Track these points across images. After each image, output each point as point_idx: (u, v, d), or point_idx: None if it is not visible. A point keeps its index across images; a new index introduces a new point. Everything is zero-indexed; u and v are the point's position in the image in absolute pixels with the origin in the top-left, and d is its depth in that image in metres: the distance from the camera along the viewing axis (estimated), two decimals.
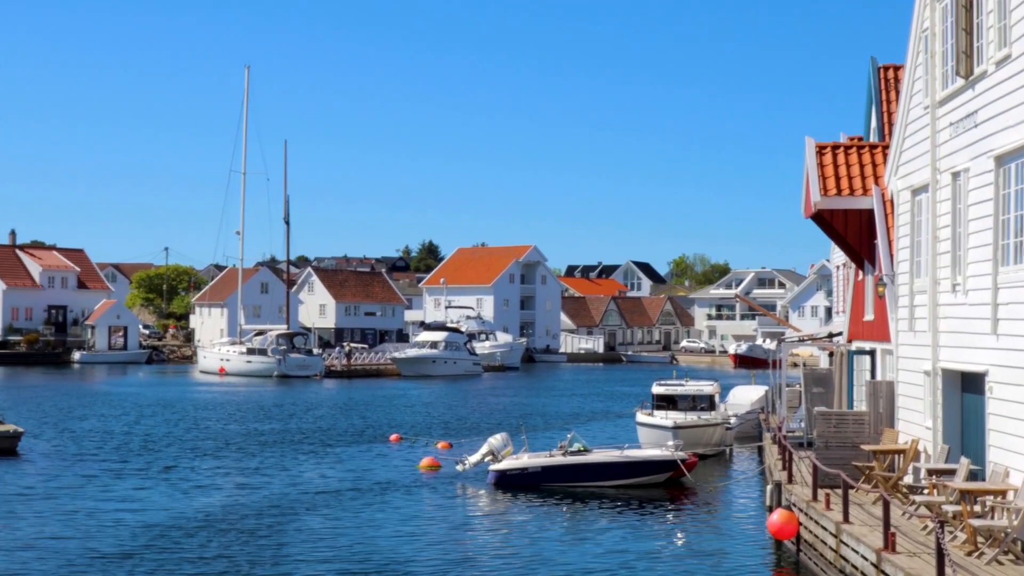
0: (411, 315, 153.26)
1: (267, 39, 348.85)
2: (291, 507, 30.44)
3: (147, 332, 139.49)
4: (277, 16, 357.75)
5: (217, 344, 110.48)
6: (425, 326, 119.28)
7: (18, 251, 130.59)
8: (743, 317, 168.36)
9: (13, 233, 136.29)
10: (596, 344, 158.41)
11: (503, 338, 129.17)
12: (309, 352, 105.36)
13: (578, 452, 35.23)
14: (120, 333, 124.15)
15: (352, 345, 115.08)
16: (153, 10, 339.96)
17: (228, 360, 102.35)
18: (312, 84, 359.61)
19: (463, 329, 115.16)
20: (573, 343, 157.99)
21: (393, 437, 48.47)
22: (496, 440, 35.88)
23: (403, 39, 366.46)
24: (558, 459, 34.89)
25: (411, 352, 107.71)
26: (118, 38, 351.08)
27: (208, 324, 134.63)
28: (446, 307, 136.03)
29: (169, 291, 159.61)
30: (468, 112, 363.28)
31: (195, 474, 36.62)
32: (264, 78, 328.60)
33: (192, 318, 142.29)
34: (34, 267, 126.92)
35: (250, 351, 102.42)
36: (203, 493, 32.64)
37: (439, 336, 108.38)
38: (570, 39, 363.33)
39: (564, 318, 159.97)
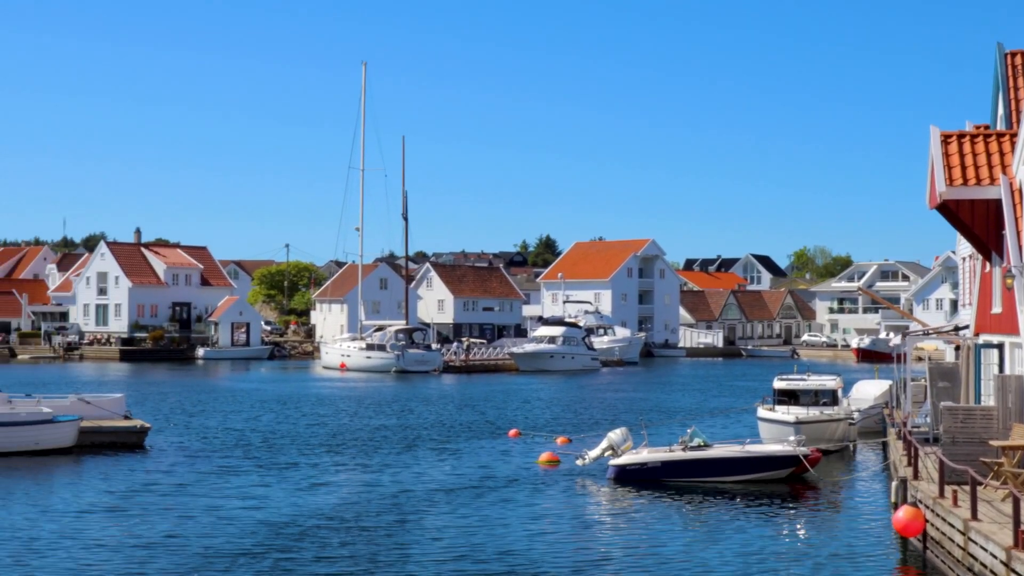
0: (529, 310, 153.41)
1: (384, 35, 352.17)
2: (411, 504, 30.51)
3: (269, 328, 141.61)
4: (394, 12, 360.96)
5: (338, 340, 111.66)
6: (543, 321, 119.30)
7: (143, 249, 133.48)
8: (866, 311, 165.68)
9: (138, 231, 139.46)
10: (715, 338, 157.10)
11: (621, 333, 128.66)
12: (427, 347, 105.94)
13: (698, 447, 34.89)
14: (242, 329, 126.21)
15: (470, 340, 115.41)
16: (274, 7, 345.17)
17: (348, 356, 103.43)
18: (429, 80, 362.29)
19: (581, 324, 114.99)
20: (692, 337, 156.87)
21: (512, 432, 48.49)
22: (616, 435, 35.68)
23: (519, 36, 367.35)
24: (678, 454, 34.61)
25: (529, 347, 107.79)
26: (240, 34, 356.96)
27: (328, 320, 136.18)
28: (564, 302, 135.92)
29: (290, 287, 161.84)
30: (586, 108, 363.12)
31: (315, 471, 36.86)
32: (382, 74, 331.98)
33: (313, 314, 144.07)
34: (159, 265, 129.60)
35: (369, 347, 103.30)
36: (323, 490, 32.82)
37: (557, 331, 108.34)
38: (687, 39, 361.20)
39: (683, 312, 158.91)
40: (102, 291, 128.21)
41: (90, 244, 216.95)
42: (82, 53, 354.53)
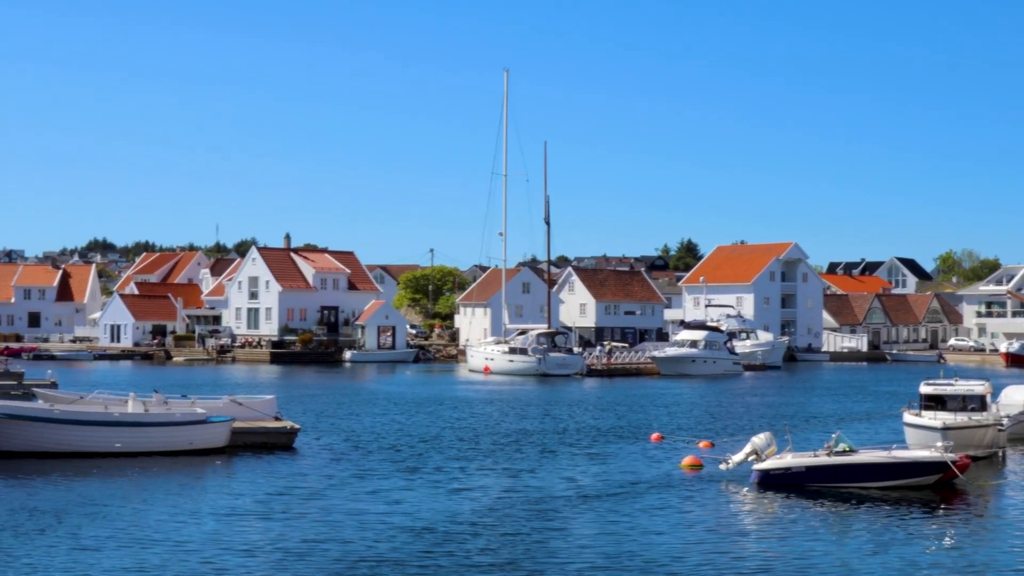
0: (670, 314, 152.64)
1: (526, 41, 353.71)
2: (554, 509, 30.57)
3: (414, 332, 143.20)
4: (535, 18, 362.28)
5: (483, 343, 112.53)
6: (685, 325, 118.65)
7: (292, 254, 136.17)
8: (1015, 314, 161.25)
9: (288, 237, 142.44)
10: (859, 343, 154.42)
11: (764, 337, 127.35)
12: (569, 351, 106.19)
13: (843, 452, 34.51)
14: (388, 333, 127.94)
15: (612, 344, 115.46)
16: (421, 13, 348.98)
17: (492, 359, 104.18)
18: (570, 85, 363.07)
19: (723, 328, 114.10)
20: (836, 342, 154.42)
21: (654, 436, 48.39)
22: (759, 439, 35.47)
23: (660, 43, 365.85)
24: (823, 459, 34.26)
25: (671, 351, 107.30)
26: (385, 39, 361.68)
27: (472, 324, 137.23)
28: (706, 305, 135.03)
29: (434, 292, 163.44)
30: (726, 116, 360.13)
31: (458, 474, 37.05)
32: (523, 79, 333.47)
33: (457, 318, 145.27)
34: (307, 269, 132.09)
35: (512, 350, 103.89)
36: (465, 494, 32.95)
37: (699, 335, 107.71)
38: (827, 49, 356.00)
39: (826, 316, 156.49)
40: (253, 295, 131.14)
41: (242, 249, 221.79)
42: (239, 52, 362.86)
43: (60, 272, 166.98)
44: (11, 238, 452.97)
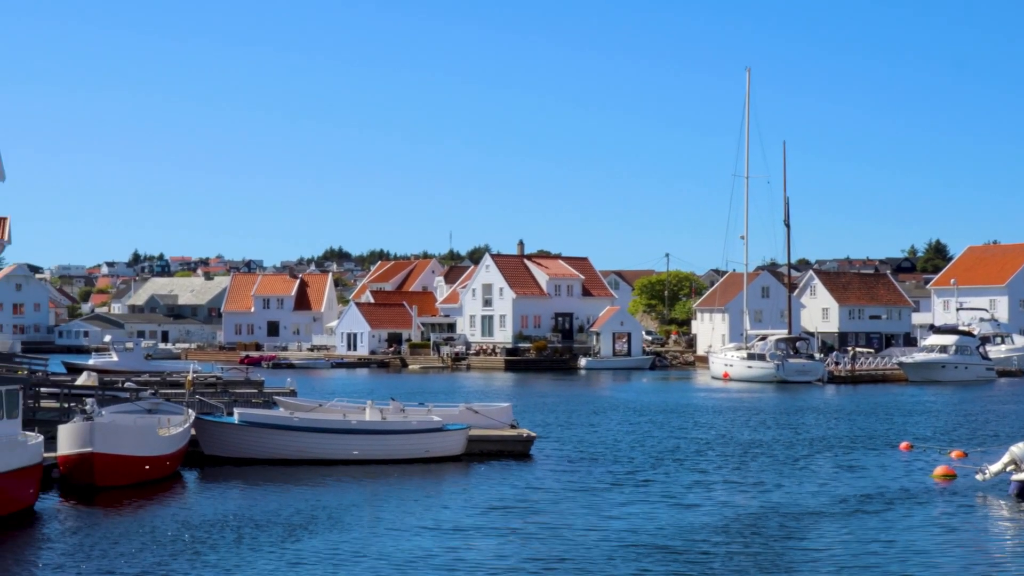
0: (918, 318, 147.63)
1: (767, 41, 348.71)
2: (799, 521, 29.27)
3: (649, 338, 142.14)
4: (777, 18, 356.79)
5: (724, 350, 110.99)
6: (934, 329, 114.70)
7: (526, 261, 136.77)
8: None
9: (521, 243, 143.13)
10: None
11: (1020, 341, 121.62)
12: (810, 357, 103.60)
13: None
14: (624, 339, 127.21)
15: (857, 349, 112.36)
16: (660, 12, 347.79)
17: (731, 365, 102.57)
18: (811, 86, 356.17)
19: (975, 332, 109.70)
20: None
21: (903, 445, 46.37)
22: (1019, 449, 33.27)
23: (896, 50, 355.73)
24: None
25: (919, 356, 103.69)
26: (622, 39, 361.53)
27: (710, 329, 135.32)
28: (956, 309, 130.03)
29: (670, 297, 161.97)
30: (975, 118, 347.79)
31: (700, 486, 35.84)
32: (763, 80, 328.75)
33: (693, 323, 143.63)
34: (541, 276, 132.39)
35: (750, 356, 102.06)
36: (708, 507, 31.75)
37: (949, 340, 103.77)
38: None
39: None
40: (487, 302, 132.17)
41: (475, 257, 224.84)
42: (479, 53, 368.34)
43: (298, 281, 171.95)
44: (250, 249, 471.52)
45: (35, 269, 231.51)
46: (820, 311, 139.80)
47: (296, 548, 25.25)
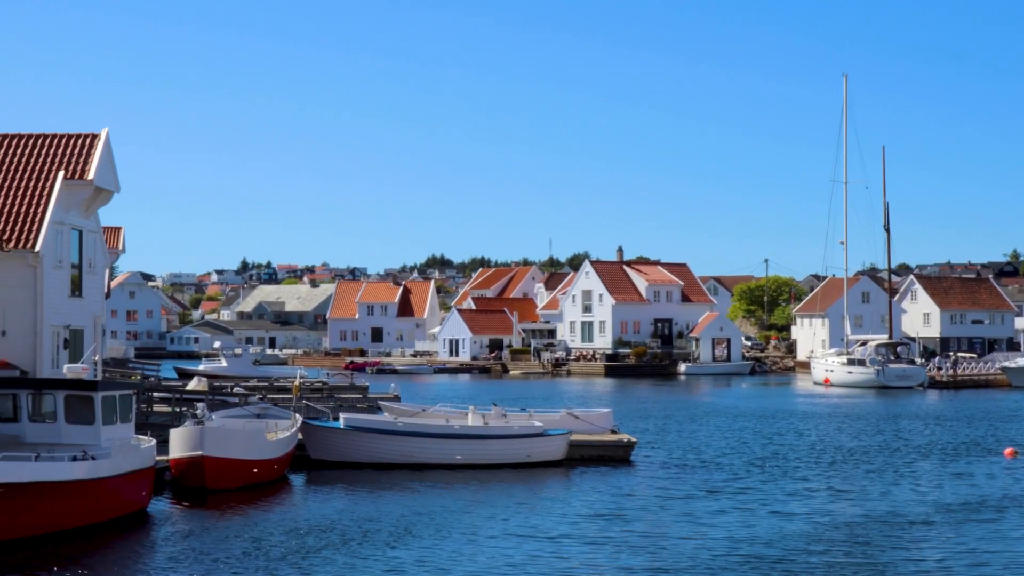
0: (1021, 323, 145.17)
1: (864, 47, 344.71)
2: (903, 530, 28.97)
3: (749, 344, 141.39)
4: (873, 24, 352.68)
5: (826, 355, 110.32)
6: None
7: (625, 267, 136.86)
8: None
9: (620, 250, 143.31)
10: None
11: None
12: (911, 362, 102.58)
13: None
14: (723, 345, 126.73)
15: (958, 354, 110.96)
16: (757, 20, 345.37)
17: (832, 371, 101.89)
18: (907, 93, 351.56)
19: None
20: None
21: (1008, 451, 45.94)
22: None
23: (991, 60, 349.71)
24: None
25: (1022, 361, 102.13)
26: (714, 47, 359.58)
27: (810, 335, 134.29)
28: None
29: (770, 303, 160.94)
30: None
31: (804, 492, 35.62)
32: (862, 85, 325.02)
33: (793, 329, 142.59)
34: (640, 282, 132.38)
35: (851, 361, 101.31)
36: (813, 515, 31.46)
37: None
38: None
39: None
40: (587, 308, 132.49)
41: (575, 263, 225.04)
42: (570, 59, 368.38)
43: (401, 288, 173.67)
44: (355, 256, 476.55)
45: (147, 277, 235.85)
46: (921, 316, 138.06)
47: (395, 555, 25.49)
